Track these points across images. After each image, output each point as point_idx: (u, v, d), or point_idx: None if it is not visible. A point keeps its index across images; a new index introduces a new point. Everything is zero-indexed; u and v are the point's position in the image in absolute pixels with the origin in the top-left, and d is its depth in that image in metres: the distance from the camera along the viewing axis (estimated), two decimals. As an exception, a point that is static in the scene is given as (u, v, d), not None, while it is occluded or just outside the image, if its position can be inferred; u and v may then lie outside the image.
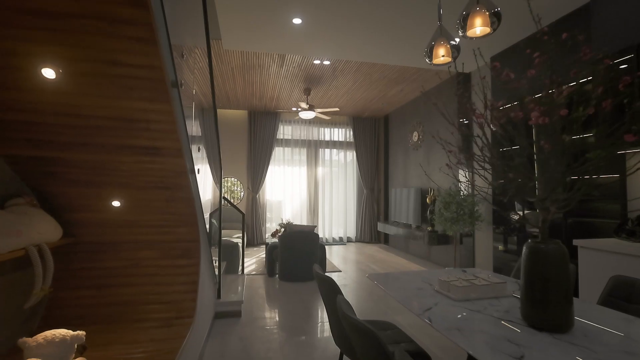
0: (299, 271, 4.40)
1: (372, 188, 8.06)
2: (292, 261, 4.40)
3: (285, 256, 4.41)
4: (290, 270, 4.41)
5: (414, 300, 1.59)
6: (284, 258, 4.42)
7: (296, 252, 4.40)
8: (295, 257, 4.40)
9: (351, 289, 4.13)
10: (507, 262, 3.92)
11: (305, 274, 4.42)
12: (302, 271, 4.41)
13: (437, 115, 5.61)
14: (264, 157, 7.54)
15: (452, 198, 4.26)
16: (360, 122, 8.07)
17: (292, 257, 4.40)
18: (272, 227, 7.72)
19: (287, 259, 4.41)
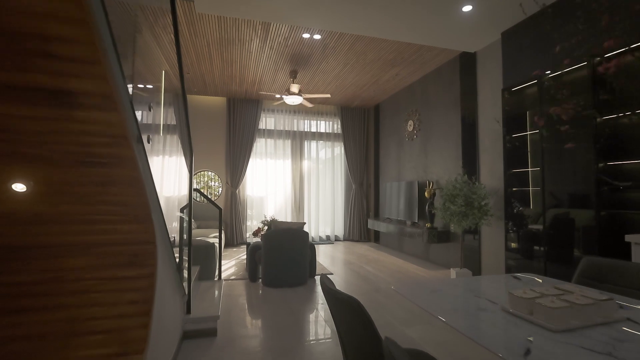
0: (286, 275, 3.82)
1: (361, 183, 7.56)
2: (278, 264, 3.81)
3: (270, 258, 3.81)
4: (275, 274, 3.81)
5: (487, 330, 1.04)
6: (268, 260, 3.82)
7: (282, 253, 3.81)
8: (282, 259, 3.81)
9: (347, 295, 3.58)
10: (522, 264, 3.49)
11: (293, 278, 3.84)
12: (290, 275, 3.83)
13: (436, 101, 5.16)
14: (245, 149, 6.88)
15: (458, 190, 3.80)
16: (349, 112, 7.54)
17: (277, 259, 3.81)
18: (253, 225, 7.07)
19: (271, 261, 3.81)
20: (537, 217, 3.34)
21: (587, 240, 2.85)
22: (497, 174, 3.93)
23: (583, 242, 2.90)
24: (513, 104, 3.67)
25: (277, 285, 3.80)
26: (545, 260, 3.22)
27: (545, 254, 3.22)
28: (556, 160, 3.17)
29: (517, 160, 3.60)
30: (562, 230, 3.10)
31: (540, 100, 3.30)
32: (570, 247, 3.02)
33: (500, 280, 1.68)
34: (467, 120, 4.45)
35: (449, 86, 4.82)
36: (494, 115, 3.99)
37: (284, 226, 4.05)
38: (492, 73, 4.04)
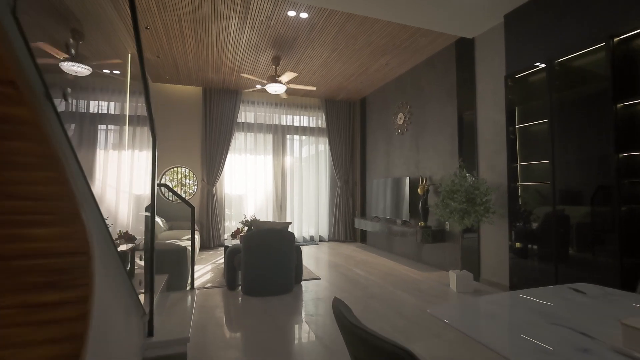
0: (269, 282, 3.37)
1: (346, 180, 7.19)
2: (260, 269, 3.36)
3: (251, 262, 3.35)
4: (257, 280, 3.36)
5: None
6: (249, 265, 3.36)
7: (265, 256, 3.36)
8: (264, 264, 3.36)
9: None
10: (529, 266, 3.21)
11: (277, 285, 3.40)
12: (274, 282, 3.39)
13: (429, 93, 4.86)
14: (222, 144, 6.34)
15: (459, 185, 3.48)
16: (334, 105, 7.16)
17: (259, 263, 3.35)
18: (232, 226, 6.55)
19: (253, 266, 3.35)
20: (546, 214, 3.06)
21: (605, 239, 2.59)
22: (499, 168, 3.65)
23: (600, 241, 2.64)
24: (517, 92, 3.39)
25: (259, 294, 3.35)
26: (555, 262, 2.95)
27: (556, 255, 2.95)
28: (568, 151, 2.90)
29: (522, 153, 3.32)
30: (575, 228, 2.83)
31: (550, 87, 3.03)
32: (585, 246, 2.75)
33: (560, 295, 1.32)
34: (464, 112, 4.16)
35: (444, 76, 4.53)
36: (495, 106, 3.71)
37: (267, 226, 3.60)
38: (493, 60, 3.76)
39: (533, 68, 3.20)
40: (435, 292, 3.51)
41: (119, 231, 3.19)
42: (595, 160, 2.69)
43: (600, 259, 2.63)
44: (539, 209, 3.14)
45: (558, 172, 2.95)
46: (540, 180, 3.13)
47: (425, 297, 3.32)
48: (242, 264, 3.41)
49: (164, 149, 6.16)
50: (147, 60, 5.08)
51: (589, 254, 2.72)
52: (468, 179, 3.53)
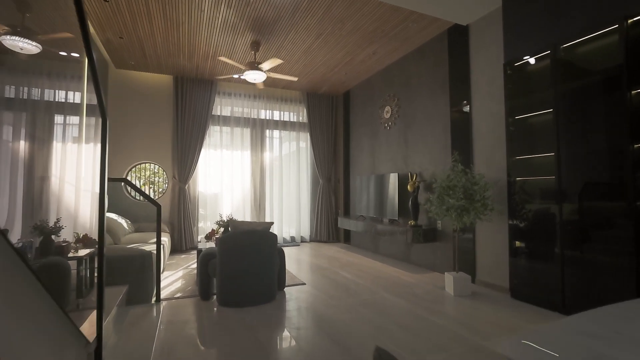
0: (248, 290, 2.97)
1: (329, 178, 6.87)
2: (239, 275, 2.95)
3: (228, 268, 2.94)
4: (235, 289, 2.95)
5: None
6: (225, 271, 2.94)
7: (244, 261, 2.95)
8: (243, 269, 2.96)
9: (332, 316, 2.83)
10: (531, 267, 3.00)
11: (258, 293, 3.01)
12: (254, 290, 2.99)
13: (418, 84, 4.61)
14: (195, 139, 5.83)
15: (456, 181, 3.23)
16: (316, 99, 6.81)
17: (238, 269, 2.94)
18: (206, 227, 6.05)
19: (230, 272, 2.94)
20: (550, 210, 2.85)
21: (617, 237, 2.39)
22: (496, 163, 3.43)
23: (611, 240, 2.44)
24: (518, 81, 3.17)
25: (237, 304, 2.94)
26: (561, 263, 2.74)
27: (562, 256, 2.74)
28: (575, 143, 2.70)
29: (523, 146, 3.11)
30: (582, 226, 2.63)
31: (554, 75, 2.82)
32: (594, 246, 2.55)
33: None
34: (457, 104, 3.93)
35: (435, 66, 4.28)
36: (492, 96, 3.49)
37: (246, 227, 3.19)
38: (489, 48, 3.54)
39: (535, 55, 2.99)
40: (431, 296, 3.23)
41: (76, 234, 2.70)
42: (605, 152, 2.50)
43: (611, 259, 2.43)
44: (542, 206, 2.93)
45: (564, 166, 2.75)
46: (543, 175, 2.92)
47: (421, 303, 3.04)
48: (217, 271, 2.98)
49: (129, 143, 5.57)
50: (109, 42, 4.52)
51: (597, 254, 2.52)
52: (467, 173, 3.29)
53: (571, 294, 2.68)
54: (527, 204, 3.05)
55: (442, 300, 3.13)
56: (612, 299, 1.92)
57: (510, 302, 3.04)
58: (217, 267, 2.99)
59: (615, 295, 2.36)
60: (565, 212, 2.73)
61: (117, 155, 5.47)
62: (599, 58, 2.56)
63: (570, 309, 2.69)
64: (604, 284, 2.46)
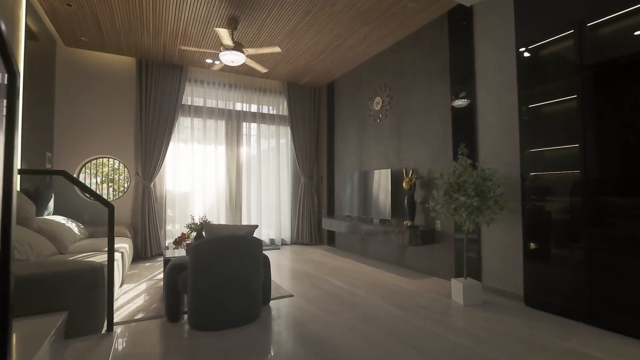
0: (228, 308, 2.43)
1: (311, 175, 6.39)
2: (216, 291, 2.41)
3: (202, 282, 2.39)
4: (211, 308, 2.40)
5: None
6: (199, 286, 2.39)
7: (223, 273, 2.42)
8: (222, 284, 2.42)
9: (331, 337, 2.36)
10: (549, 272, 2.68)
11: (240, 312, 2.48)
12: (235, 308, 2.46)
13: (414, 72, 4.24)
14: (163, 131, 5.16)
15: (466, 176, 2.87)
16: (297, 90, 6.31)
17: (215, 283, 2.40)
18: (175, 230, 5.38)
19: (205, 287, 2.39)
20: (574, 208, 2.55)
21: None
22: (505, 156, 3.11)
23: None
24: (533, 66, 2.86)
25: (213, 327, 2.40)
26: (589, 268, 2.44)
27: (590, 260, 2.44)
28: (604, 133, 2.40)
29: (539, 137, 2.79)
30: (614, 226, 2.33)
31: (580, 57, 2.52)
32: (627, 249, 2.26)
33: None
34: (459, 92, 3.59)
35: (434, 52, 3.93)
36: (500, 83, 3.17)
37: (224, 232, 2.65)
38: (497, 30, 3.22)
39: (555, 36, 2.68)
40: (438, 307, 2.85)
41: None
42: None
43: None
44: (563, 203, 2.62)
45: (590, 158, 2.45)
46: (564, 169, 2.62)
47: (430, 316, 2.64)
48: (189, 285, 2.42)
49: (83, 135, 4.81)
50: (54, 13, 3.79)
51: (633, 257, 2.23)
52: (477, 168, 2.94)
53: (600, 302, 2.38)
54: (545, 201, 2.75)
55: (452, 311, 2.75)
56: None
57: (526, 312, 2.72)
58: (188, 281, 2.42)
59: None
60: (593, 211, 2.43)
61: (68, 148, 4.70)
62: (633, 37, 2.27)
63: (598, 319, 2.39)
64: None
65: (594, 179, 2.43)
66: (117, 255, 3.23)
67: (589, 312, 2.44)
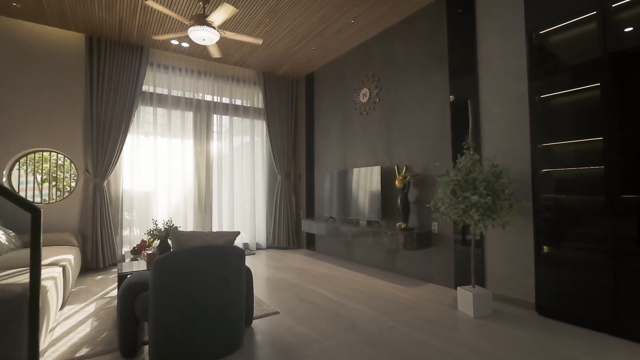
0: (202, 338, 1.91)
1: (288, 173, 5.92)
2: (187, 317, 1.88)
3: (169, 306, 1.85)
4: (181, 339, 1.87)
5: None
6: (164, 311, 1.85)
7: (197, 294, 1.90)
8: (196, 308, 1.90)
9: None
10: (567, 278, 2.43)
11: (216, 342, 1.97)
12: (210, 336, 1.94)
13: (406, 60, 3.91)
14: (118, 121, 4.44)
15: (477, 173, 2.56)
16: (274, 81, 5.81)
17: (186, 306, 1.88)
18: (134, 236, 4.68)
19: (173, 312, 1.86)
20: (596, 208, 2.31)
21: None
22: (514, 151, 2.84)
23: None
24: (547, 52, 2.60)
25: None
26: (614, 273, 2.20)
27: (614, 264, 2.20)
28: (633, 125, 2.17)
29: (554, 130, 2.54)
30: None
31: (604, 41, 2.28)
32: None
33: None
34: (459, 81, 3.30)
35: (430, 39, 3.62)
36: (508, 71, 2.90)
37: (197, 241, 2.12)
38: (504, 12, 2.95)
39: (575, 18, 2.43)
40: (447, 321, 2.51)
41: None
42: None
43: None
44: (583, 202, 2.37)
45: (615, 152, 2.21)
46: (584, 164, 2.37)
47: (442, 332, 2.29)
48: (150, 310, 1.88)
49: (18, 124, 4.00)
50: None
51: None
52: (485, 163, 2.64)
53: (626, 310, 2.15)
54: (561, 200, 2.49)
55: (464, 326, 2.42)
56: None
57: (543, 323, 2.45)
58: (150, 306, 1.88)
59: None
60: (618, 210, 2.19)
61: None
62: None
63: (625, 330, 2.15)
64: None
65: (619, 175, 2.20)
66: (56, 270, 2.59)
67: (614, 322, 2.21)
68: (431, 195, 3.53)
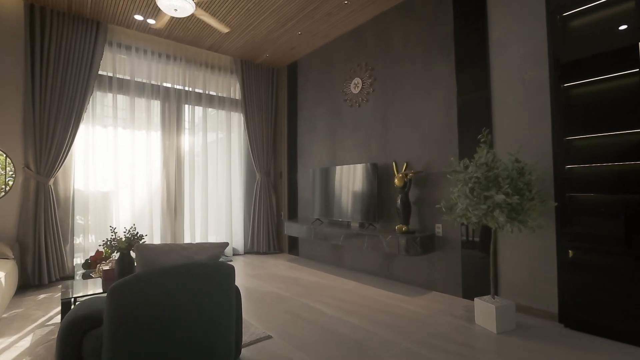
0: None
1: (268, 171, 5.43)
2: (155, 354, 1.38)
3: (132, 347, 1.35)
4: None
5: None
6: (125, 354, 1.34)
7: (171, 329, 1.41)
8: (168, 348, 1.41)
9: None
10: (594, 288, 2.18)
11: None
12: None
13: (403, 48, 3.57)
14: (68, 108, 3.75)
15: (501, 169, 2.25)
16: (253, 70, 5.30)
17: (155, 348, 1.38)
18: (89, 245, 3.99)
19: (137, 355, 1.35)
20: (630, 208, 2.07)
21: None
22: (532, 146, 2.58)
23: None
24: (573, 36, 2.35)
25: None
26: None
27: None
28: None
29: (581, 122, 2.29)
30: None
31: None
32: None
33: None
34: (466, 69, 3.00)
35: (432, 22, 3.30)
36: (525, 58, 2.63)
37: (171, 256, 1.61)
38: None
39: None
40: (469, 339, 2.18)
41: None
42: None
43: None
44: (618, 202, 2.13)
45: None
46: (620, 160, 2.13)
47: (469, 355, 1.95)
48: (104, 353, 1.36)
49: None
50: None
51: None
52: (506, 159, 2.34)
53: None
54: (589, 200, 2.24)
55: (490, 344, 2.10)
56: None
57: (572, 337, 2.18)
58: (104, 348, 1.36)
59: None
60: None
61: None
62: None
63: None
64: None
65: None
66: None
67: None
68: (434, 195, 3.22)
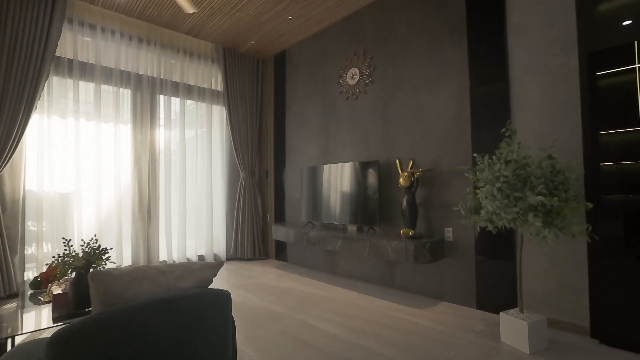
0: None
1: (253, 171, 5.00)
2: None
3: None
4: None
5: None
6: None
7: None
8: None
9: None
10: (631, 299, 1.95)
11: None
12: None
13: (406, 36, 3.26)
14: (16, 95, 3.19)
15: (534, 167, 1.97)
16: (237, 60, 4.85)
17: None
18: (44, 255, 3.42)
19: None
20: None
21: None
22: (558, 141, 2.33)
23: None
24: (608, 16, 2.11)
25: None
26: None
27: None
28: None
29: (617, 115, 2.05)
30: None
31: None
32: None
33: None
34: (480, 58, 2.73)
35: (440, 4, 3.01)
36: (550, 43, 2.38)
37: (146, 285, 1.18)
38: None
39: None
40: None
41: None
42: None
43: None
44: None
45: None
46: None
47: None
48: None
49: None
50: None
51: None
52: (539, 155, 2.07)
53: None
54: (628, 201, 2.01)
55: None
56: None
57: (613, 356, 1.94)
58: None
59: None
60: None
61: None
62: None
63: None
64: None
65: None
66: None
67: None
68: (443, 195, 2.93)
